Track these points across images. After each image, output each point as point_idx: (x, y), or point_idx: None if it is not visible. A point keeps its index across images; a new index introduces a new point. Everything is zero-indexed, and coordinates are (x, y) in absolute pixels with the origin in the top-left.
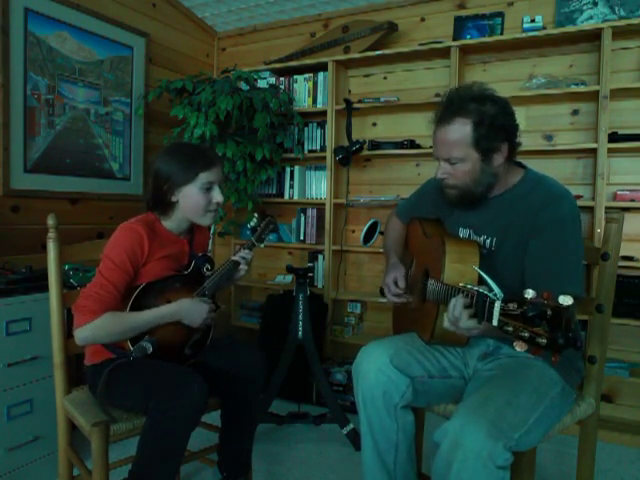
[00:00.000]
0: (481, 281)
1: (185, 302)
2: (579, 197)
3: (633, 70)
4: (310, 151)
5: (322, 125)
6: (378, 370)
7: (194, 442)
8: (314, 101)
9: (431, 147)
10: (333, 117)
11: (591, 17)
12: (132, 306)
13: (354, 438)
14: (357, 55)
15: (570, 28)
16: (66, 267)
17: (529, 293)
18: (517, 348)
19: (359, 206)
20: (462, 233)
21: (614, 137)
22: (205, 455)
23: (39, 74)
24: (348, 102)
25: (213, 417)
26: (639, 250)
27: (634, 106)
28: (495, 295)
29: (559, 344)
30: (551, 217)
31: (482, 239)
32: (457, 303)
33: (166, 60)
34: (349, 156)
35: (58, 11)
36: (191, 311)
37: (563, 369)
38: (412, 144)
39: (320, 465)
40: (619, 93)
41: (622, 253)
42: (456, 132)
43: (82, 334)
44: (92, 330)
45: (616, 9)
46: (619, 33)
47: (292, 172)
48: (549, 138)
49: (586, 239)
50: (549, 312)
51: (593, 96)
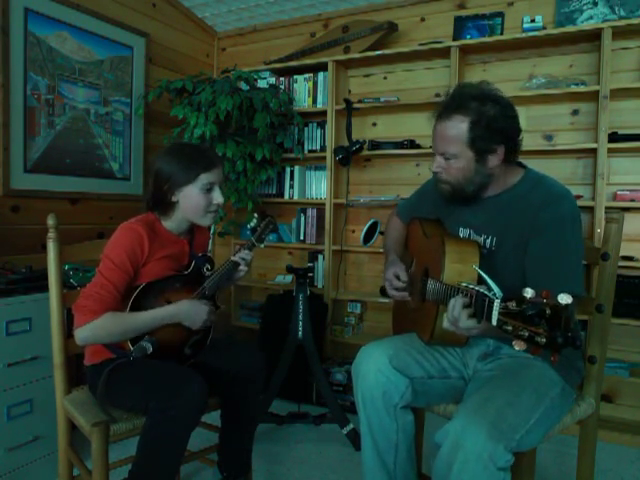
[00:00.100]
0: (481, 281)
1: (185, 304)
2: (579, 197)
3: (633, 70)
4: (310, 151)
5: (322, 125)
6: (377, 371)
7: (194, 442)
8: (314, 101)
9: (431, 147)
10: (333, 117)
11: (591, 17)
12: (132, 306)
13: (354, 438)
14: (357, 55)
15: (570, 28)
16: (66, 267)
17: (528, 292)
18: (516, 347)
19: (359, 206)
20: (462, 233)
21: (614, 137)
22: (205, 455)
23: (39, 74)
24: (348, 102)
25: (213, 417)
26: (639, 250)
27: (634, 106)
28: (494, 294)
29: (558, 343)
30: (551, 217)
31: (482, 239)
32: (456, 303)
33: (166, 60)
34: (349, 156)
35: (58, 11)
36: (191, 313)
37: (563, 369)
38: (412, 144)
39: (320, 465)
40: (619, 93)
41: (622, 253)
42: (453, 128)
43: (82, 334)
44: (92, 330)
45: (616, 9)
46: (619, 33)
47: (292, 172)
48: (549, 138)
49: (586, 239)
50: (548, 311)
51: (593, 96)
